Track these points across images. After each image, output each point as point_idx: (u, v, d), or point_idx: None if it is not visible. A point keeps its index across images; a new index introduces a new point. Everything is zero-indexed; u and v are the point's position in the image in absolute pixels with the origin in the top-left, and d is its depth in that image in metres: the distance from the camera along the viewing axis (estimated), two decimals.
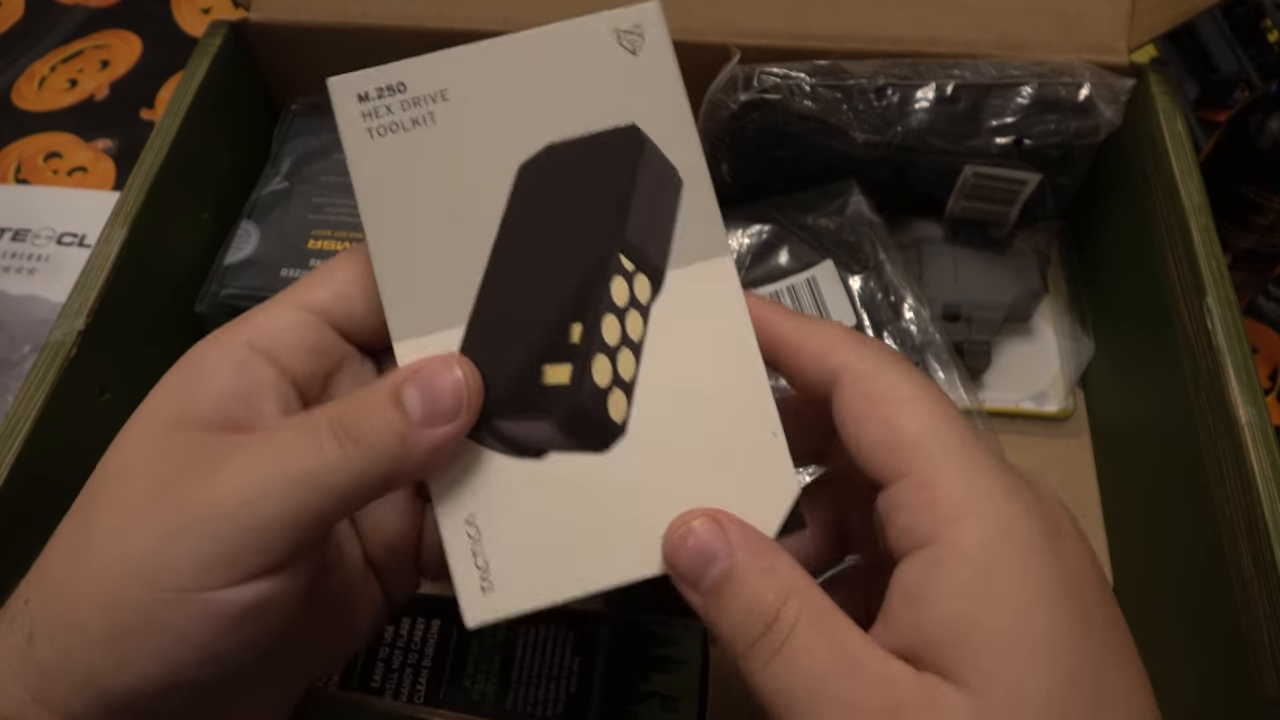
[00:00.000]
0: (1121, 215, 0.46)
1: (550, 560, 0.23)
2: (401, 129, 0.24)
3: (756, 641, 0.21)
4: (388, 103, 0.24)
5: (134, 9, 0.71)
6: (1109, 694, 0.20)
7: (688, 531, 0.22)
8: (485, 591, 0.23)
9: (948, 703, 0.19)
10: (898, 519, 0.21)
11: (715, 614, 0.21)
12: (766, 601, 0.21)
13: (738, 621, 0.21)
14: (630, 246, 0.24)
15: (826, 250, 0.47)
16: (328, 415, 0.22)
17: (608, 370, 0.23)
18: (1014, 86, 0.44)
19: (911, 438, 0.21)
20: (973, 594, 0.20)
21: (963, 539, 0.20)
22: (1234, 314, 0.36)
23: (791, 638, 0.20)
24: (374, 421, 0.21)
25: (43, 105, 0.65)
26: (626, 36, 0.24)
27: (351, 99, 0.24)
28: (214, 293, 0.45)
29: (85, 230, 0.58)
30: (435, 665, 0.34)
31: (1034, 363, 0.49)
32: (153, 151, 0.44)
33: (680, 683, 0.34)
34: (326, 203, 0.48)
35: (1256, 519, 0.32)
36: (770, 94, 0.44)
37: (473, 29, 0.47)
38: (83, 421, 0.39)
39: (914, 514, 0.21)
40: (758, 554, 0.22)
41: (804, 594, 0.21)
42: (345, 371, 0.25)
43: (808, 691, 0.20)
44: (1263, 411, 0.34)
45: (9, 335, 0.53)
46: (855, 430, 0.22)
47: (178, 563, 0.20)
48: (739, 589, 0.21)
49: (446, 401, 0.22)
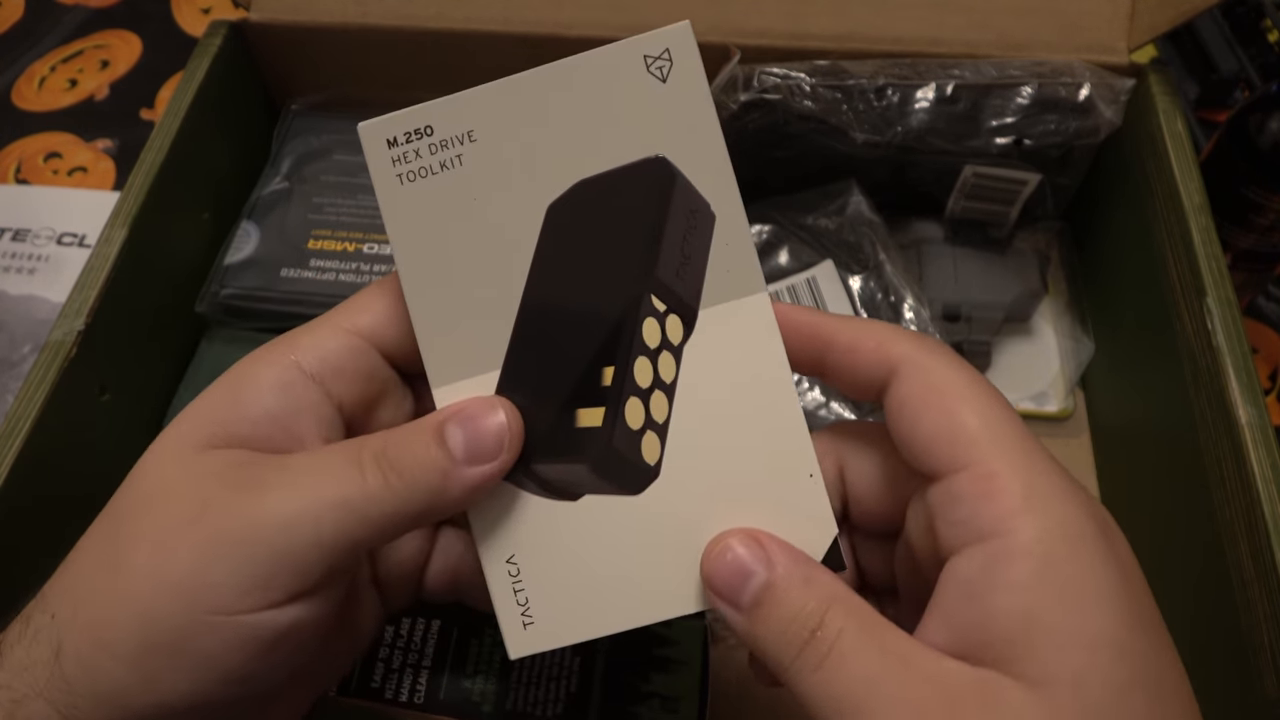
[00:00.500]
0: (1121, 215, 0.46)
1: (588, 598, 0.23)
2: (431, 173, 0.24)
3: (802, 650, 0.20)
4: (416, 147, 0.24)
5: (134, 9, 0.71)
6: (1166, 692, 0.20)
7: (725, 548, 0.22)
8: (526, 626, 0.24)
9: (1010, 698, 0.19)
10: (954, 511, 0.21)
11: (758, 627, 0.21)
12: (809, 610, 0.21)
13: (781, 632, 0.21)
14: (661, 286, 0.23)
15: (826, 250, 0.47)
16: (371, 447, 0.22)
17: (640, 413, 0.23)
18: (1014, 87, 0.44)
19: (972, 430, 0.21)
20: (1035, 589, 0.19)
21: (1024, 534, 0.20)
22: (1234, 314, 0.36)
23: (838, 643, 0.20)
24: (417, 456, 0.21)
25: (43, 105, 0.65)
26: (655, 63, 0.23)
27: (381, 145, 0.24)
28: (214, 293, 0.45)
29: (85, 230, 0.58)
30: (435, 665, 0.34)
31: (1034, 363, 0.49)
32: (153, 151, 0.44)
33: (680, 683, 0.34)
34: (326, 203, 0.48)
35: (1256, 519, 0.32)
36: (770, 94, 0.44)
37: (473, 29, 0.47)
38: (83, 421, 0.39)
39: (972, 507, 0.20)
40: (797, 565, 0.22)
41: (846, 601, 0.21)
42: (389, 398, 0.25)
43: (860, 695, 0.19)
44: (1263, 412, 0.34)
45: (9, 335, 0.53)
46: (913, 420, 0.22)
47: (216, 584, 0.21)
48: (780, 600, 0.21)
49: (489, 442, 0.22)
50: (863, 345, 0.23)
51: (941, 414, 0.21)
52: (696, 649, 0.35)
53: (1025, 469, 0.20)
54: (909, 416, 0.22)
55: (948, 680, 0.19)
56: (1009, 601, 0.19)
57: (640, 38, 0.23)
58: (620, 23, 0.45)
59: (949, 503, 0.21)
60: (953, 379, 0.22)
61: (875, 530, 0.24)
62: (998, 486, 0.20)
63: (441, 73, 0.49)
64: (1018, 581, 0.19)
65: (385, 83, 0.50)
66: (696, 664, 0.35)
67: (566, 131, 0.23)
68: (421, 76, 0.50)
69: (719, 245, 0.23)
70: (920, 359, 0.22)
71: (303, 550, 0.21)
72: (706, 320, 0.23)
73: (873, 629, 0.20)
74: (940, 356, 0.22)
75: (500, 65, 0.49)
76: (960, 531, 0.20)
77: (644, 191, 0.23)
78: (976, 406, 0.21)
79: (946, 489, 0.21)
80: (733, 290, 0.23)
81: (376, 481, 0.21)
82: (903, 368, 0.22)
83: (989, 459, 0.20)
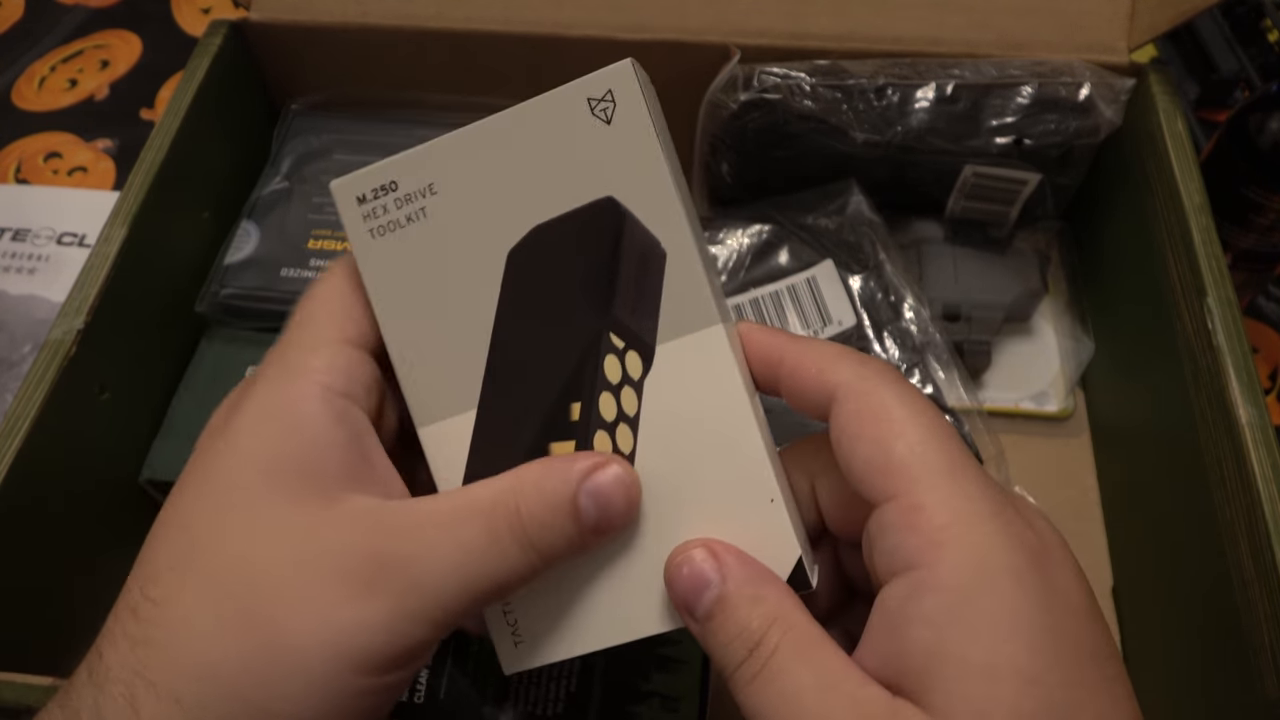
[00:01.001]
0: (1121, 215, 0.46)
1: (572, 619, 0.25)
2: (399, 226, 0.25)
3: (741, 664, 0.21)
4: (383, 202, 0.25)
5: (134, 9, 0.71)
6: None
7: (685, 560, 0.23)
8: (517, 645, 0.25)
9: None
10: (883, 541, 0.21)
11: (709, 638, 0.22)
12: (752, 627, 0.21)
13: (726, 645, 0.22)
14: (618, 324, 0.24)
15: (826, 250, 0.47)
16: (506, 519, 0.22)
17: (608, 444, 0.24)
18: (1014, 86, 0.44)
19: (900, 459, 0.21)
20: (946, 623, 0.20)
21: (941, 565, 0.20)
22: (1234, 314, 0.36)
23: (772, 661, 0.21)
24: (555, 533, 0.23)
25: (43, 105, 0.65)
26: (600, 105, 0.24)
27: (352, 202, 0.25)
28: (214, 292, 0.45)
29: (85, 230, 0.58)
30: (435, 665, 0.34)
31: (1034, 363, 0.49)
32: (153, 151, 0.44)
33: (680, 682, 0.34)
34: (326, 202, 0.48)
35: (1257, 519, 0.32)
36: (770, 94, 0.44)
37: (473, 29, 0.47)
38: (82, 421, 0.39)
39: (898, 537, 0.21)
40: (748, 582, 0.22)
41: (788, 620, 0.21)
42: (386, 396, 0.26)
43: (785, 710, 0.20)
44: (1263, 411, 0.34)
45: (9, 335, 0.53)
46: (849, 449, 0.22)
47: (379, 649, 0.21)
48: (729, 615, 0.22)
49: (618, 519, 0.23)
50: (805, 368, 0.23)
51: (873, 443, 0.22)
52: (697, 648, 0.35)
53: (952, 496, 0.21)
54: (845, 444, 0.22)
55: (866, 706, 0.20)
56: (921, 634, 0.20)
57: (583, 80, 0.24)
58: (620, 23, 0.45)
59: (879, 532, 0.21)
60: (888, 405, 0.22)
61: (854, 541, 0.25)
62: (921, 519, 0.20)
63: (441, 73, 0.50)
64: (931, 614, 0.20)
65: (385, 83, 0.50)
66: (697, 663, 0.35)
67: (520, 178, 0.24)
68: (421, 76, 0.50)
69: (671, 281, 0.24)
70: (856, 385, 0.22)
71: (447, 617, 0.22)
72: (664, 355, 0.24)
73: (808, 649, 0.21)
74: (878, 381, 0.22)
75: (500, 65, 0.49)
76: (888, 561, 0.21)
77: (596, 233, 0.24)
78: (905, 432, 0.21)
79: (879, 518, 0.21)
80: (687, 324, 0.24)
81: (518, 557, 0.22)
82: (839, 393, 0.22)
83: (915, 489, 0.21)
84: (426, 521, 0.23)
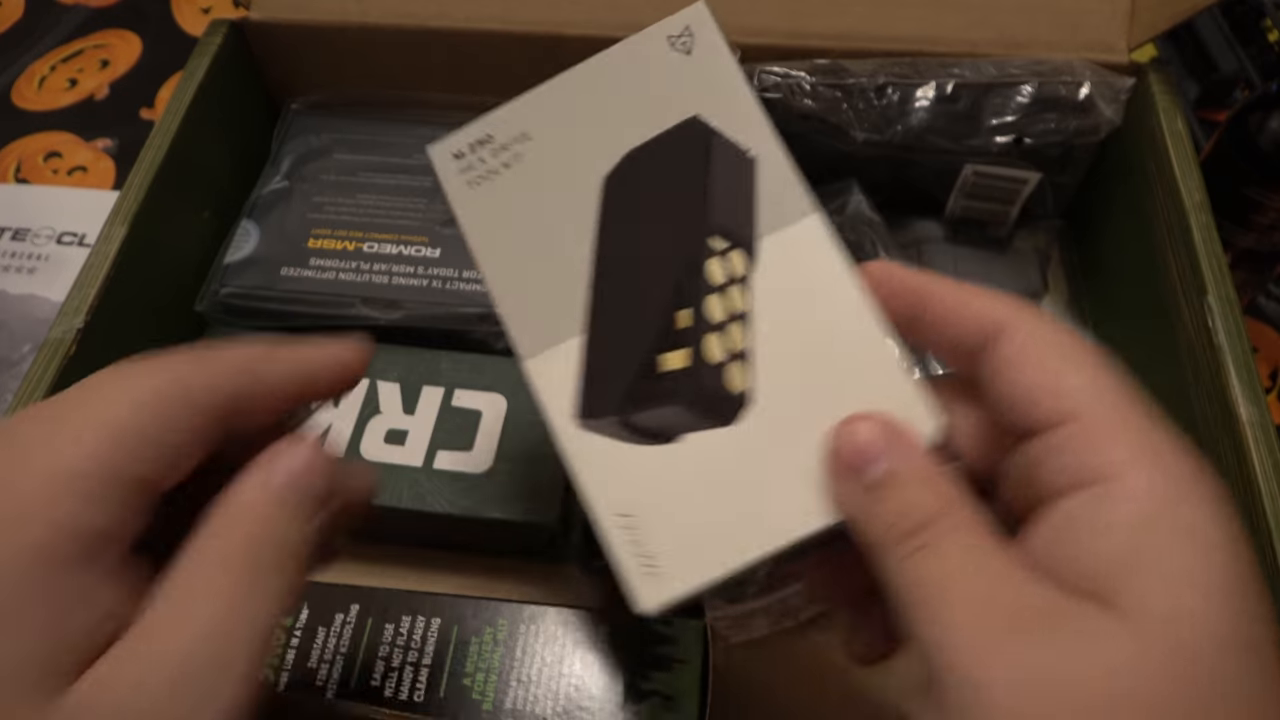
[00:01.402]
0: (1121, 215, 0.46)
1: (710, 535, 0.23)
2: (495, 174, 0.27)
3: (906, 538, 0.21)
4: (480, 154, 0.27)
5: (134, 9, 0.71)
6: (1266, 666, 0.18)
7: (861, 427, 0.22)
8: (654, 577, 0.23)
9: (1094, 624, 0.18)
10: (1058, 460, 0.21)
11: (870, 506, 0.22)
12: (924, 505, 0.21)
13: (892, 519, 0.21)
14: (717, 228, 0.25)
15: None
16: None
17: (719, 346, 0.25)
18: (1014, 85, 0.44)
19: (1084, 382, 0.21)
20: (1145, 530, 0.19)
21: (1135, 478, 0.20)
22: (1235, 312, 0.36)
23: (940, 541, 0.20)
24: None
25: (43, 105, 0.65)
26: (679, 40, 0.26)
27: (449, 159, 0.27)
28: (214, 291, 0.45)
29: (85, 230, 0.58)
30: (435, 664, 0.34)
31: None
32: (152, 151, 0.44)
33: (681, 681, 0.34)
34: (327, 202, 0.48)
35: (1257, 518, 0.32)
36: (770, 93, 0.44)
37: (473, 28, 0.47)
38: None
39: (1083, 455, 0.20)
40: (923, 461, 0.22)
41: (959, 509, 0.21)
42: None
43: (943, 584, 0.20)
44: (1264, 410, 0.34)
45: (9, 334, 0.53)
46: (1017, 373, 0.22)
47: None
48: (900, 490, 0.21)
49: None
50: (970, 306, 0.23)
51: (1050, 370, 0.21)
52: (697, 648, 0.35)
53: (1142, 423, 0.20)
54: (1013, 371, 0.22)
55: (1034, 594, 0.19)
56: (1113, 540, 0.19)
57: (661, 23, 0.27)
58: (619, 22, 0.45)
59: (1052, 453, 0.21)
60: (1060, 336, 0.22)
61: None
62: (1114, 434, 0.20)
63: (442, 72, 0.50)
64: (1126, 522, 0.19)
65: (385, 82, 0.50)
66: (697, 663, 0.35)
67: (608, 114, 0.26)
68: (422, 76, 0.50)
69: (764, 182, 0.25)
70: (1030, 320, 0.22)
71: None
72: (766, 249, 0.25)
73: (976, 537, 0.20)
74: (1045, 318, 0.22)
75: (500, 64, 0.49)
76: (1067, 476, 0.20)
77: (687, 149, 0.26)
78: (1086, 363, 0.21)
79: (1051, 439, 0.21)
80: (785, 218, 0.25)
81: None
82: (1010, 325, 0.22)
83: (1103, 410, 0.21)
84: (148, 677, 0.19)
